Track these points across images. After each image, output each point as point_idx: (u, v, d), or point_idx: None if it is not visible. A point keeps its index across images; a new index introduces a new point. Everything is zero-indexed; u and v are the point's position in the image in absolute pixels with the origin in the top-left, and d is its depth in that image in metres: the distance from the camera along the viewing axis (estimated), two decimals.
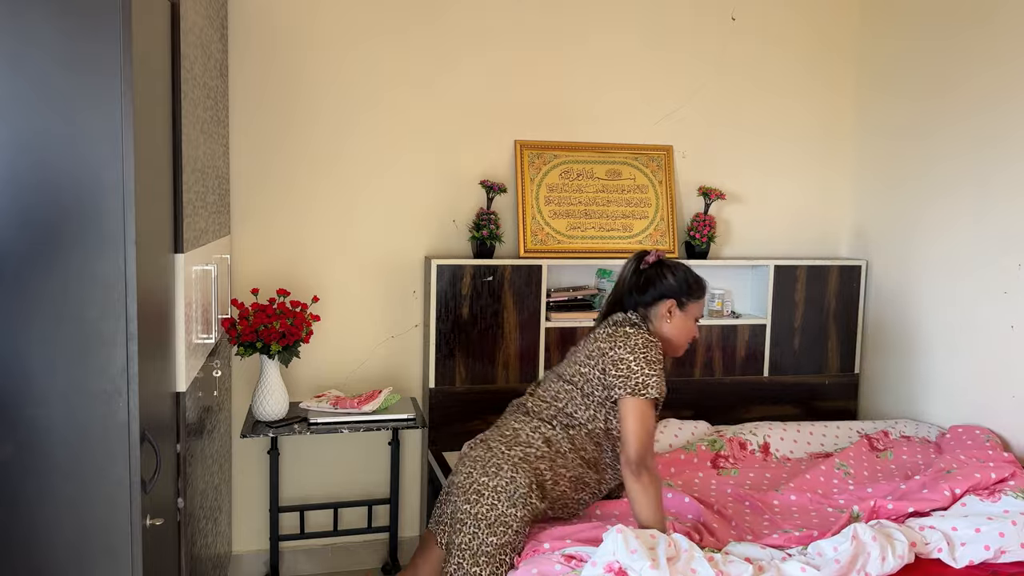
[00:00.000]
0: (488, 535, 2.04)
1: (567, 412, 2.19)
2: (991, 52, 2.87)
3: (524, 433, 2.16)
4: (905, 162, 3.28)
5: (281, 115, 2.98)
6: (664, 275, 2.20)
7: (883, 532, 2.07)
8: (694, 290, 2.23)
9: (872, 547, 1.98)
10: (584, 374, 2.16)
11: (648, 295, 2.20)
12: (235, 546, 3.07)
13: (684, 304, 2.21)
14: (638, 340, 2.09)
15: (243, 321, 2.67)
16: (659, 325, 2.20)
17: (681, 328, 2.22)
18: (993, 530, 2.12)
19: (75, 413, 1.47)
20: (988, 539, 2.10)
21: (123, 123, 1.45)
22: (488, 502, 2.05)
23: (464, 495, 2.10)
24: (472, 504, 2.07)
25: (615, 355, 2.09)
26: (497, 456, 2.12)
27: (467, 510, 2.07)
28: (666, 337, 2.21)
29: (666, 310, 2.19)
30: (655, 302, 2.20)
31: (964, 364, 2.98)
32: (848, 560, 1.94)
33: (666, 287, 2.19)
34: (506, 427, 2.22)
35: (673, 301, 2.19)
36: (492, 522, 2.04)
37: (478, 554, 2.04)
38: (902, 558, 2.01)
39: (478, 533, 2.05)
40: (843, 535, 2.03)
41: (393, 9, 3.05)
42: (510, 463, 2.09)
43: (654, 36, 3.33)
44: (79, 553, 1.50)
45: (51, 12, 1.41)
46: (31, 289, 1.44)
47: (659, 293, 2.19)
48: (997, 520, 2.15)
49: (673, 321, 2.20)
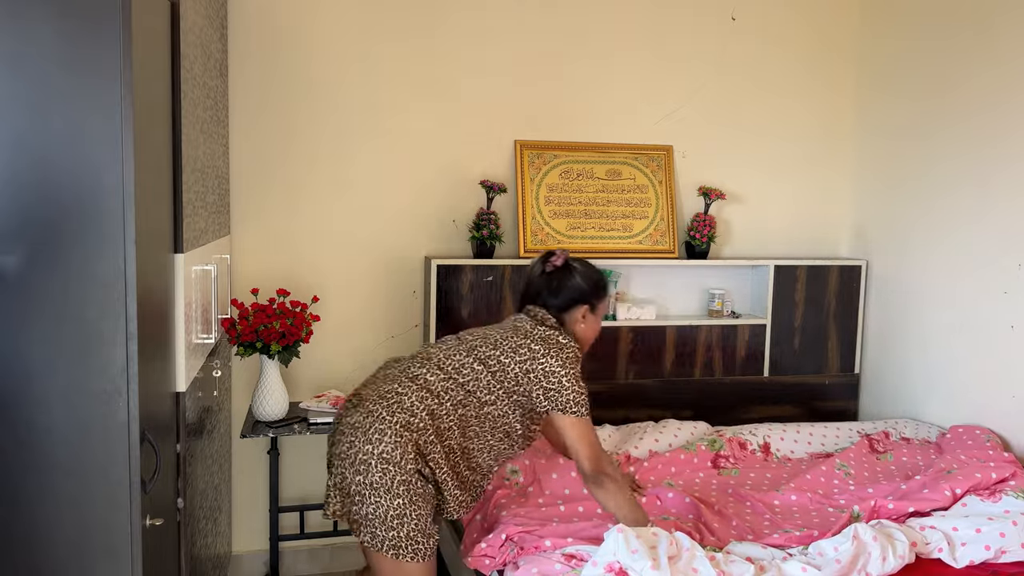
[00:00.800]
0: (392, 499, 1.98)
1: (467, 389, 2.11)
2: (991, 52, 2.87)
3: (408, 399, 2.06)
4: (905, 162, 3.28)
5: (281, 115, 2.98)
6: (574, 278, 2.23)
7: (884, 532, 2.07)
8: (601, 290, 2.27)
9: (873, 547, 1.98)
10: (504, 364, 2.11)
11: (561, 299, 2.22)
12: (235, 546, 3.07)
13: (595, 306, 2.25)
14: (570, 354, 2.12)
15: (243, 321, 2.67)
16: (573, 328, 2.23)
17: (593, 328, 2.27)
18: (994, 530, 2.12)
19: (75, 413, 1.47)
20: (988, 539, 2.10)
21: (123, 123, 1.45)
22: (379, 469, 1.98)
23: (352, 466, 2.02)
24: (364, 475, 2.00)
25: (548, 365, 2.09)
26: (379, 422, 2.02)
27: (360, 481, 2.00)
28: (579, 337, 2.24)
29: (580, 315, 2.23)
30: (569, 307, 2.22)
31: (964, 364, 2.98)
32: (849, 560, 1.94)
33: (578, 292, 2.22)
34: (387, 388, 2.10)
35: (586, 306, 2.23)
36: (390, 487, 1.98)
37: (388, 518, 1.98)
38: (903, 558, 2.01)
39: (380, 500, 1.98)
40: (844, 535, 2.03)
41: (393, 9, 3.05)
42: (393, 430, 2.01)
43: (654, 36, 3.33)
44: (79, 553, 1.50)
45: (51, 12, 1.41)
46: (31, 289, 1.44)
47: (571, 298, 2.22)
48: (998, 520, 2.15)
49: (587, 323, 2.24)
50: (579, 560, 2.00)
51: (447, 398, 2.09)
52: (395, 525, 1.98)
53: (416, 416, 2.04)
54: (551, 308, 2.23)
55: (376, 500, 1.99)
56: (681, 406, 3.28)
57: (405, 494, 1.99)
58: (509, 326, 2.21)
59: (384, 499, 1.98)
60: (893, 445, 2.93)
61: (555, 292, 2.22)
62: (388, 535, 1.98)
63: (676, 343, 3.28)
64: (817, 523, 2.35)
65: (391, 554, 1.99)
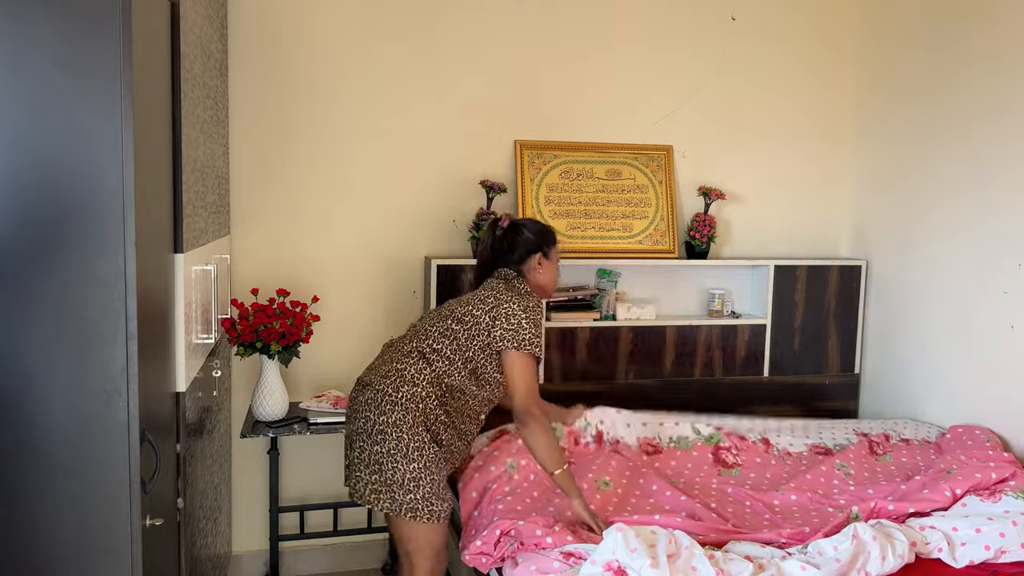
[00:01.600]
0: (408, 463, 2.16)
1: (452, 349, 2.30)
2: (992, 53, 2.87)
3: (408, 372, 2.25)
4: (905, 162, 3.28)
5: (281, 115, 2.98)
6: (522, 233, 2.45)
7: (883, 532, 2.07)
8: (550, 238, 2.48)
9: (872, 546, 1.98)
10: (476, 316, 2.31)
11: (517, 253, 2.44)
12: (235, 546, 3.07)
13: (547, 252, 2.46)
14: (530, 302, 2.33)
15: (243, 321, 2.67)
16: (533, 277, 2.45)
17: (549, 274, 2.48)
18: (993, 530, 2.12)
19: (75, 413, 1.47)
20: (988, 539, 2.11)
21: (123, 123, 1.45)
22: (394, 437, 2.17)
23: (370, 437, 2.20)
24: (381, 444, 2.18)
25: (510, 308, 2.29)
26: (388, 397, 2.21)
27: (378, 450, 2.18)
28: (540, 285, 2.46)
29: (536, 263, 2.44)
30: (525, 258, 2.44)
31: (964, 364, 2.98)
32: (848, 559, 1.94)
33: (529, 243, 2.44)
34: (388, 368, 2.28)
35: (540, 254, 2.44)
36: (406, 452, 2.16)
37: (405, 481, 2.16)
38: (902, 557, 2.01)
39: (397, 466, 2.16)
40: (843, 534, 2.03)
41: (393, 9, 3.05)
42: (401, 403, 2.20)
43: (654, 36, 3.33)
44: (79, 553, 1.50)
45: (51, 12, 1.41)
46: (31, 289, 1.44)
47: (525, 250, 2.43)
48: (998, 520, 2.15)
49: (543, 270, 2.45)
50: (577, 558, 2.00)
51: (440, 362, 2.28)
52: (411, 488, 2.16)
53: (419, 386, 2.23)
54: (510, 265, 2.45)
55: (393, 466, 2.16)
56: (681, 406, 3.27)
57: (419, 459, 2.17)
58: (480, 287, 2.45)
59: (401, 464, 2.16)
60: (892, 447, 2.93)
61: (511, 249, 2.44)
62: (406, 498, 2.16)
63: (676, 343, 3.28)
64: (817, 523, 2.35)
65: (408, 516, 2.17)
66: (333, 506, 3.05)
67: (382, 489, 2.18)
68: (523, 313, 2.28)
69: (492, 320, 2.29)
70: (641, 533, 1.94)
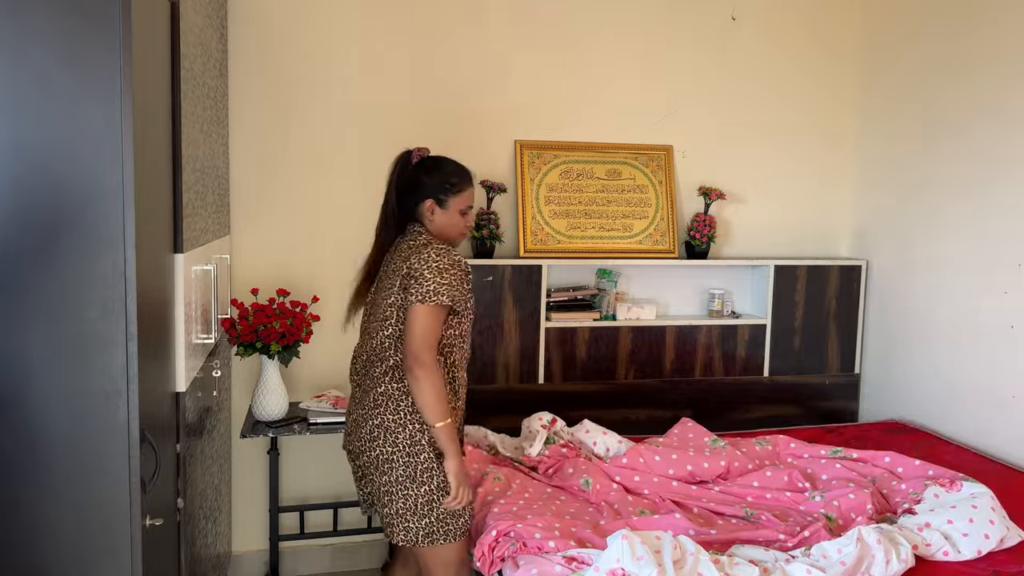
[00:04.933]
0: (418, 486, 2.07)
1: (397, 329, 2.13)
2: (992, 53, 2.87)
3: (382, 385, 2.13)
4: (905, 162, 3.28)
5: (281, 115, 2.98)
6: (419, 177, 2.20)
7: (887, 535, 2.07)
8: (451, 187, 2.20)
9: (877, 550, 1.98)
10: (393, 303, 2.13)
11: (411, 198, 2.21)
12: (235, 546, 3.07)
13: (443, 201, 2.19)
14: (431, 252, 2.10)
15: (243, 321, 2.67)
16: (427, 224, 2.21)
17: (446, 224, 2.21)
18: (984, 518, 2.15)
19: (75, 413, 1.47)
20: (983, 528, 2.13)
21: (123, 123, 1.45)
22: (401, 462, 2.08)
23: (377, 469, 2.11)
24: (388, 473, 2.09)
25: (411, 265, 2.09)
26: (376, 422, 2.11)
27: (387, 480, 2.09)
28: (439, 232, 2.21)
29: (427, 210, 2.19)
30: (417, 204, 2.20)
31: (964, 364, 2.98)
32: (853, 563, 1.94)
33: (423, 189, 2.19)
34: (364, 389, 2.18)
35: (431, 200, 2.19)
36: (414, 476, 2.07)
37: (419, 506, 2.07)
38: (905, 562, 2.02)
39: (408, 492, 2.07)
40: (847, 537, 2.03)
41: (393, 9, 3.05)
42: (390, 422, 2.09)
43: (654, 36, 3.33)
44: (79, 553, 1.50)
45: (51, 12, 1.41)
46: (31, 289, 1.43)
47: (418, 196, 2.20)
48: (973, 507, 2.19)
49: (436, 219, 2.20)
50: (580, 563, 1.99)
51: (397, 351, 2.12)
52: (425, 512, 2.07)
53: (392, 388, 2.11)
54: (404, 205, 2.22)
55: (404, 493, 2.08)
56: (681, 406, 3.28)
57: (430, 480, 2.07)
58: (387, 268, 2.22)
59: (411, 489, 2.07)
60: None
61: (407, 191, 2.22)
62: (420, 524, 2.07)
63: (676, 343, 3.28)
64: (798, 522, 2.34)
65: (426, 542, 2.08)
66: (333, 506, 3.05)
67: (394, 521, 2.10)
68: (423, 265, 2.08)
69: (404, 291, 2.10)
70: (647, 539, 1.93)
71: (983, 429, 2.88)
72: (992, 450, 2.84)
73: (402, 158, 2.25)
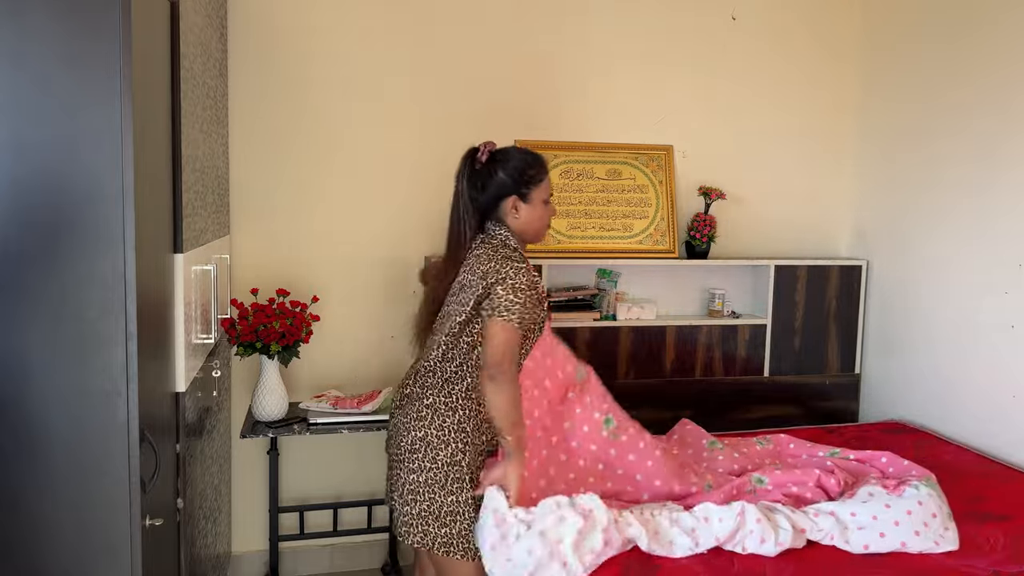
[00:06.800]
0: (446, 495, 2.03)
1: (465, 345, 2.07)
2: (993, 53, 2.87)
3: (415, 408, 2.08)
4: (906, 162, 3.27)
5: (281, 115, 2.98)
6: (495, 172, 2.07)
7: (770, 516, 2.12)
8: (531, 177, 2.09)
9: (755, 527, 2.06)
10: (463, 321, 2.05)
11: (487, 196, 2.08)
12: (235, 546, 3.07)
13: (526, 195, 2.08)
14: (508, 271, 1.99)
15: (243, 321, 2.67)
16: (510, 223, 2.09)
17: (531, 218, 2.10)
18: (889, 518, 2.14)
19: (75, 413, 1.47)
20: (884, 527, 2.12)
21: (123, 123, 1.45)
22: (433, 468, 2.04)
23: (407, 464, 2.06)
24: (418, 473, 2.04)
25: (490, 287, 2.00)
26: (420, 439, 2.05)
27: (415, 479, 2.04)
28: (520, 231, 2.11)
29: (511, 207, 2.08)
30: (497, 203, 2.08)
31: (964, 364, 2.98)
32: (727, 535, 2.05)
33: (501, 186, 2.07)
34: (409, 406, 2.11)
35: (514, 197, 2.08)
36: (445, 483, 2.03)
37: (442, 514, 2.02)
38: (782, 545, 2.06)
39: (435, 497, 2.03)
40: (731, 508, 2.09)
41: (393, 10, 3.05)
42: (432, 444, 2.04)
43: (654, 36, 3.33)
44: (79, 553, 1.50)
45: (51, 12, 1.41)
46: (31, 289, 1.43)
47: (496, 194, 2.07)
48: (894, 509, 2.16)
49: (521, 215, 2.09)
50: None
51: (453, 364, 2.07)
52: (448, 522, 2.02)
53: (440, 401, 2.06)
54: (481, 207, 2.10)
55: (431, 497, 2.03)
56: (681, 406, 3.28)
57: (460, 491, 2.03)
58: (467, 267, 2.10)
59: (439, 495, 2.02)
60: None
61: (481, 189, 2.08)
62: (440, 532, 2.02)
63: (676, 343, 3.27)
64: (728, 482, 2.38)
65: (442, 552, 2.02)
66: (333, 506, 3.05)
67: (414, 523, 2.04)
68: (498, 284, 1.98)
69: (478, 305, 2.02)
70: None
71: (984, 430, 2.88)
72: (993, 451, 2.84)
73: (469, 156, 2.10)
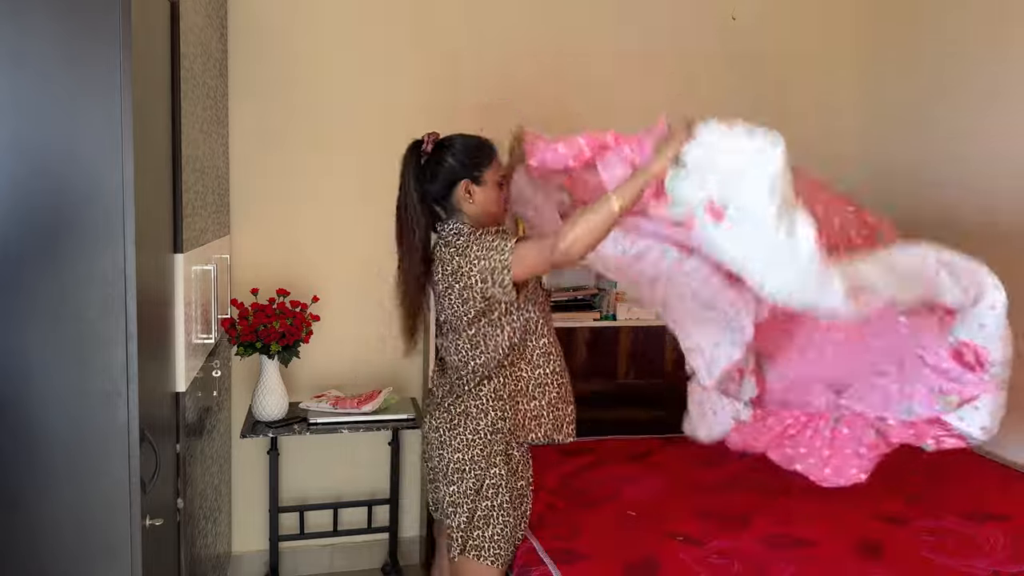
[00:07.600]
0: (481, 499, 2.02)
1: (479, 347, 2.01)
2: (993, 53, 2.87)
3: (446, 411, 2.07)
4: (906, 162, 3.27)
5: (281, 114, 2.98)
6: (443, 159, 2.00)
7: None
8: (480, 159, 2.02)
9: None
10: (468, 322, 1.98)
11: (438, 185, 2.00)
12: (235, 546, 3.07)
13: (478, 178, 2.00)
14: (473, 247, 1.91)
15: (243, 321, 2.67)
16: (466, 209, 2.00)
17: (487, 200, 2.02)
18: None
19: (74, 413, 1.47)
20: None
21: (123, 122, 1.45)
22: (472, 474, 2.02)
23: (446, 477, 2.05)
24: (456, 483, 2.03)
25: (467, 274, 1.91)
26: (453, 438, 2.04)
27: (454, 491, 2.04)
28: (476, 216, 2.01)
29: (464, 192, 1.99)
30: (450, 191, 2.00)
31: None
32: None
33: (451, 171, 1.99)
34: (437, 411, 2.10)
35: (466, 181, 1.99)
36: (480, 488, 2.02)
37: (476, 519, 2.02)
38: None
39: (472, 506, 2.02)
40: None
41: (393, 10, 3.05)
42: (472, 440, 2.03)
43: (654, 35, 3.32)
44: (79, 553, 1.50)
45: (51, 12, 1.41)
46: (31, 289, 1.43)
47: (448, 180, 1.99)
48: None
49: (476, 199, 2.00)
50: None
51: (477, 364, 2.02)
52: (480, 525, 2.01)
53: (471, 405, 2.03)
54: (438, 200, 2.03)
55: (470, 506, 2.02)
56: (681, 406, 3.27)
57: (494, 497, 2.02)
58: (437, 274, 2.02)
59: (476, 502, 2.02)
60: None
61: (432, 179, 2.01)
62: (472, 534, 2.01)
63: (676, 343, 3.26)
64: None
65: (472, 555, 2.01)
66: (333, 506, 3.05)
67: (455, 535, 2.04)
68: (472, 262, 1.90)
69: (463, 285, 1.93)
70: None
71: None
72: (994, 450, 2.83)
73: (413, 149, 2.04)
